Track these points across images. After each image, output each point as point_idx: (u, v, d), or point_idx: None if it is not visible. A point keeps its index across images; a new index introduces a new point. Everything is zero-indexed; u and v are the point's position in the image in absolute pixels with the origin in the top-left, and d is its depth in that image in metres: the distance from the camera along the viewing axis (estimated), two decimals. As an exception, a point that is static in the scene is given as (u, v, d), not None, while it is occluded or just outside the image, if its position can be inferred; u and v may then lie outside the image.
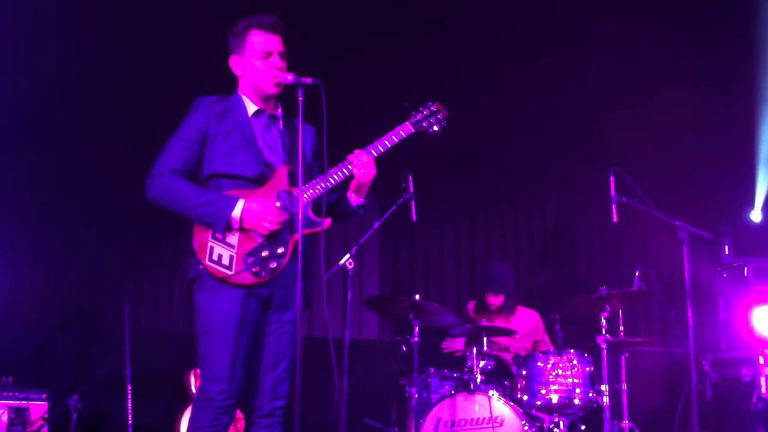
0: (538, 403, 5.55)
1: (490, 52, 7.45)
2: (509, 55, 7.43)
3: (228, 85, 3.83)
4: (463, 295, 7.68)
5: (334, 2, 7.03)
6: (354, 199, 3.78)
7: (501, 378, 5.77)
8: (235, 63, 3.76)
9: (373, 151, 3.73)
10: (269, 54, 3.69)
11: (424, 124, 3.89)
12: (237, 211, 3.52)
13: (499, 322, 6.39)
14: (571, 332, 6.18)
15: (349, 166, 3.67)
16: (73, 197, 6.95)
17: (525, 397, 5.58)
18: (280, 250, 3.56)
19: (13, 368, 6.08)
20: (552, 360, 5.60)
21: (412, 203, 5.78)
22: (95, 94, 6.90)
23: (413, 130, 3.85)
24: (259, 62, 3.68)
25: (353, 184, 3.73)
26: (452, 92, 7.12)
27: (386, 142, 3.76)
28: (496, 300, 6.45)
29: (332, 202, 3.79)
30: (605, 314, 5.66)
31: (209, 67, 5.59)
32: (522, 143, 7.76)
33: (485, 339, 5.71)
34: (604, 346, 5.60)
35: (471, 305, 6.74)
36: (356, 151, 3.70)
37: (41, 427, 5.79)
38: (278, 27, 3.73)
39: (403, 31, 7.42)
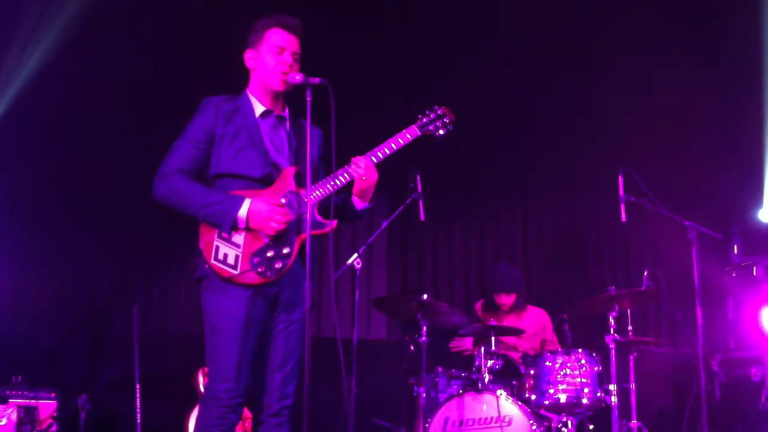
0: (547, 402, 5.55)
1: (498, 51, 7.44)
2: (517, 54, 7.42)
3: (235, 86, 3.84)
4: (472, 295, 7.68)
5: (339, 4, 7.04)
6: (358, 203, 3.79)
7: (509, 377, 5.77)
8: (249, 57, 3.78)
9: (379, 154, 3.74)
10: (282, 50, 3.71)
11: (431, 128, 3.90)
12: (243, 211, 3.54)
13: (508, 322, 6.39)
14: (580, 332, 6.17)
15: (350, 171, 3.68)
16: (83, 199, 6.97)
17: (533, 397, 5.58)
18: (285, 251, 3.57)
19: (23, 368, 6.11)
20: (560, 359, 5.59)
21: (420, 203, 5.78)
22: (102, 97, 6.91)
23: (419, 134, 3.86)
24: (270, 57, 3.71)
25: (356, 189, 3.74)
26: (461, 91, 7.16)
27: (392, 145, 3.77)
28: (507, 299, 6.45)
29: (338, 204, 3.80)
30: (614, 314, 5.66)
31: (217, 66, 5.62)
32: (531, 142, 7.76)
33: (493, 338, 5.71)
34: (612, 345, 5.59)
35: (479, 305, 6.74)
36: (356, 158, 3.72)
37: (50, 426, 5.82)
38: (297, 29, 3.76)
39: (409, 30, 7.42)
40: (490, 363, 5.58)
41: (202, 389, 6.04)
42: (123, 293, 6.95)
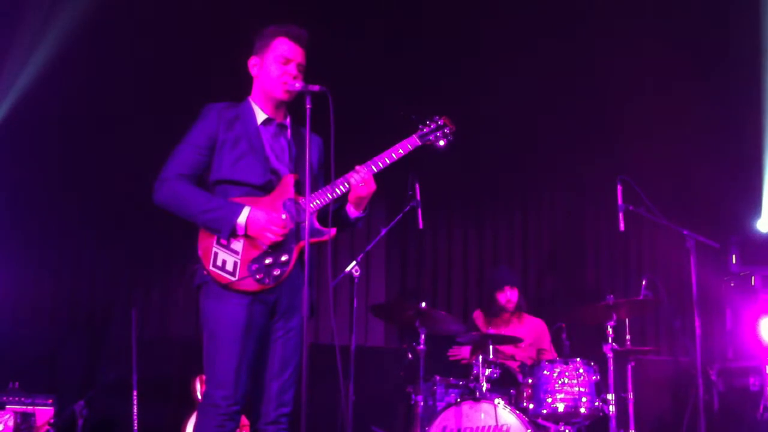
0: (544, 411, 5.54)
1: (499, 60, 7.45)
2: (517, 62, 7.43)
3: (236, 91, 3.85)
4: (471, 303, 7.67)
5: (341, 11, 7.04)
6: (352, 211, 3.78)
7: (507, 386, 5.76)
8: (253, 63, 3.79)
9: (379, 163, 3.74)
10: (288, 61, 3.72)
11: (431, 138, 3.91)
12: (242, 218, 3.53)
13: (506, 330, 6.38)
14: (578, 341, 6.17)
15: (351, 180, 3.68)
16: (82, 203, 6.96)
17: (531, 406, 5.57)
18: (283, 258, 3.57)
19: (21, 373, 6.09)
20: (558, 369, 5.58)
21: (419, 211, 5.79)
22: (102, 99, 6.91)
23: (419, 144, 3.87)
24: (275, 66, 3.71)
25: (352, 197, 3.74)
26: (460, 98, 7.16)
27: (393, 155, 3.78)
28: (512, 294, 6.45)
29: (333, 213, 3.79)
30: (612, 323, 5.66)
31: (219, 71, 5.62)
32: (529, 151, 7.77)
33: (491, 347, 5.70)
34: (610, 354, 5.59)
35: (476, 314, 6.73)
36: (358, 167, 3.72)
37: (47, 432, 5.81)
38: (304, 40, 3.77)
39: (408, 37, 7.43)
40: (487, 372, 5.57)
41: (199, 396, 6.03)
42: (121, 297, 6.94)
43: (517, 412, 5.40)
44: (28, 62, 6.61)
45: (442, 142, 3.93)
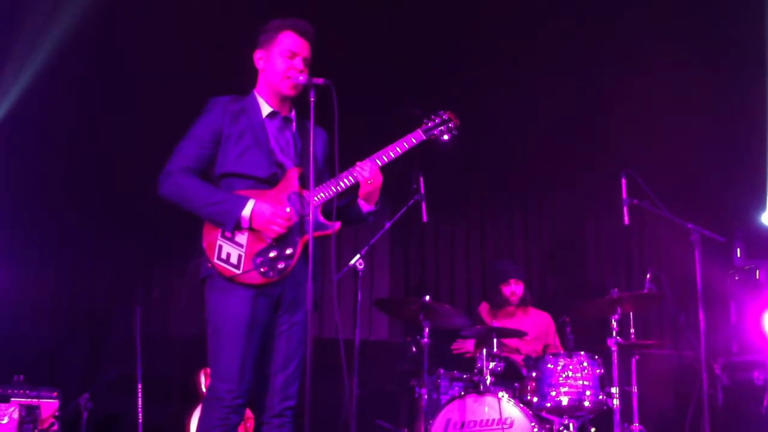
0: (548, 405, 5.55)
1: (500, 55, 7.44)
2: (519, 57, 7.42)
3: (241, 88, 3.84)
4: (474, 296, 7.67)
5: (345, 7, 7.04)
6: (364, 206, 3.79)
7: (511, 380, 5.76)
8: (258, 57, 3.79)
9: (384, 157, 3.74)
10: (294, 55, 3.71)
11: (435, 132, 3.91)
12: (247, 211, 3.53)
13: (512, 324, 6.38)
14: (582, 335, 6.17)
15: (355, 174, 3.68)
16: (84, 199, 6.96)
17: (535, 399, 5.58)
18: (288, 251, 3.57)
19: (25, 367, 6.10)
20: (562, 362, 5.59)
21: (423, 204, 5.79)
22: (103, 96, 6.91)
23: (424, 138, 3.88)
24: (281, 60, 3.71)
25: (361, 192, 3.74)
26: (463, 94, 7.16)
27: (397, 149, 3.78)
28: (517, 287, 6.46)
29: (341, 207, 3.79)
30: (616, 317, 5.66)
31: (220, 66, 5.62)
32: (533, 144, 7.76)
33: (495, 340, 5.71)
34: (614, 348, 5.59)
35: (482, 306, 6.73)
36: (361, 162, 3.72)
37: (52, 425, 5.82)
38: (310, 34, 3.76)
39: (413, 34, 7.42)
40: (491, 365, 5.57)
41: (203, 390, 6.04)
42: (124, 293, 6.94)
43: (521, 405, 5.41)
44: (28, 62, 6.60)
45: (446, 137, 3.93)
